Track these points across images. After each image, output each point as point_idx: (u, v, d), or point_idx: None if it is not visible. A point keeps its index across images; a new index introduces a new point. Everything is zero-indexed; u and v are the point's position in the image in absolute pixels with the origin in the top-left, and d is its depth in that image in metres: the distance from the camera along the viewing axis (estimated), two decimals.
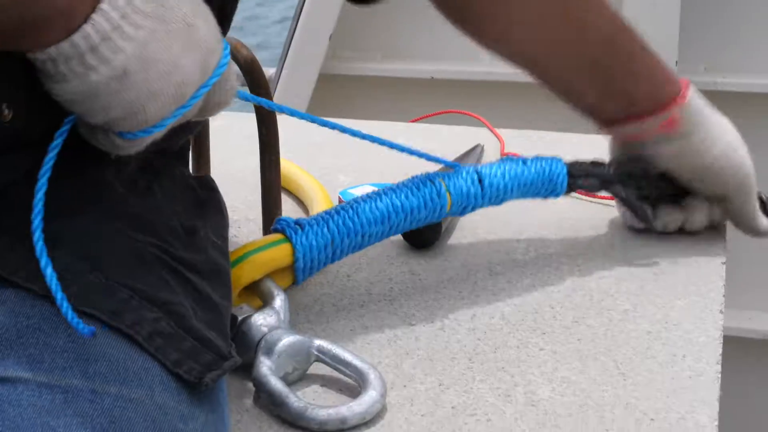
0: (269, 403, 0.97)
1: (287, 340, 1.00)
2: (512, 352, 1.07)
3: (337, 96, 2.97)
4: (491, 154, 1.64)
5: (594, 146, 1.66)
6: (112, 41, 0.74)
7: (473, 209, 1.21)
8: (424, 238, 1.30)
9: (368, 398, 0.96)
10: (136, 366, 0.78)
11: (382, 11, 3.06)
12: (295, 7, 2.89)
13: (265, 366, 0.98)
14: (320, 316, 1.15)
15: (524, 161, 1.24)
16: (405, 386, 1.02)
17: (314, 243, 1.10)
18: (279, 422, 0.96)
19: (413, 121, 1.93)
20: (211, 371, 0.81)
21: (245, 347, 1.00)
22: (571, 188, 1.28)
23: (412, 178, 1.20)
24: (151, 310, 0.80)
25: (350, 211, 1.13)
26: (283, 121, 1.26)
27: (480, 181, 1.20)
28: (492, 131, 1.75)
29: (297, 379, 1.02)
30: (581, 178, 1.27)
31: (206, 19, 0.81)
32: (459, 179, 1.19)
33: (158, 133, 0.79)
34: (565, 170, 1.26)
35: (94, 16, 0.73)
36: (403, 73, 3.03)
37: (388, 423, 0.96)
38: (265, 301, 1.06)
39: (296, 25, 2.82)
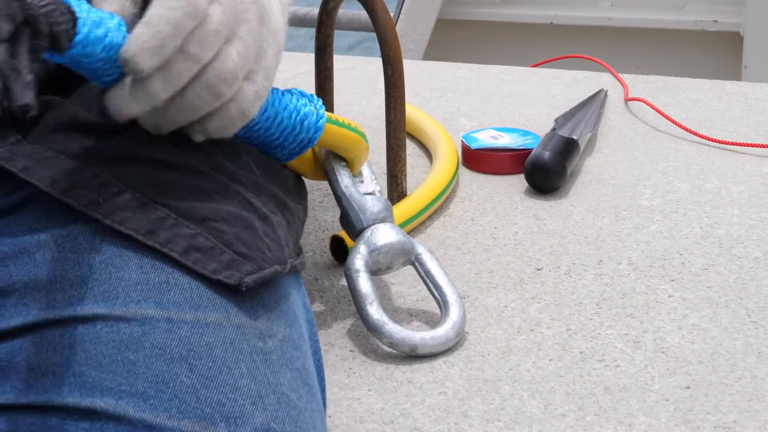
0: (352, 298, 0.98)
1: (391, 238, 0.99)
2: (640, 299, 1.06)
3: (454, 41, 2.95)
4: (615, 100, 1.62)
5: (724, 93, 1.63)
6: None
7: None
8: (548, 182, 1.28)
9: (442, 334, 0.97)
10: (210, 291, 0.77)
11: None
12: None
13: (360, 260, 0.98)
14: (444, 259, 1.14)
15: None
16: (532, 330, 1.01)
17: None
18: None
19: (534, 66, 1.91)
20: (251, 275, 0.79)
21: (349, 227, 1.00)
22: None
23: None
24: (189, 226, 0.78)
25: None
26: (405, 65, 1.25)
27: None
28: (615, 76, 1.72)
29: (386, 273, 1.02)
30: None
31: None
32: None
33: None
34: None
35: None
36: (522, 18, 3.00)
37: (515, 366, 0.96)
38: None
39: None
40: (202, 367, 0.73)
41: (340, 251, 1.13)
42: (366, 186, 1.01)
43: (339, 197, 1.00)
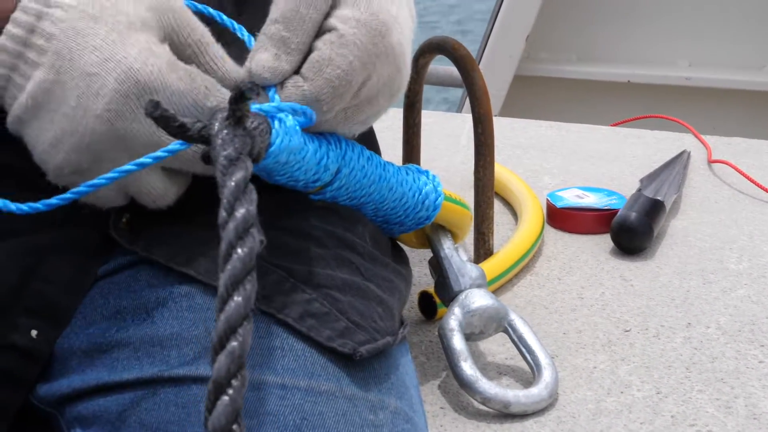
0: (446, 356, 0.98)
1: (485, 302, 1.00)
2: (731, 363, 1.05)
3: (531, 97, 2.96)
4: (698, 161, 1.62)
5: None
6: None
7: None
8: (635, 243, 1.28)
9: (536, 393, 0.97)
10: (323, 359, 0.77)
11: (579, 14, 3.05)
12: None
13: (454, 320, 0.99)
14: (532, 317, 1.14)
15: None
16: (622, 393, 1.01)
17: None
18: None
19: (615, 125, 1.91)
20: (364, 345, 0.79)
21: (446, 291, 1.01)
22: None
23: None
24: (305, 291, 0.78)
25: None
26: None
27: None
28: (698, 137, 1.72)
29: (479, 340, 1.03)
30: None
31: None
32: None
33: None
34: None
35: None
36: (599, 76, 3.01)
37: (606, 428, 0.95)
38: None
39: (493, 26, 2.82)
40: None
41: (428, 308, 1.14)
42: (462, 254, 1.02)
43: (440, 260, 1.01)
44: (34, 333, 0.78)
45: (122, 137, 0.71)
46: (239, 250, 0.56)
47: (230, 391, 0.54)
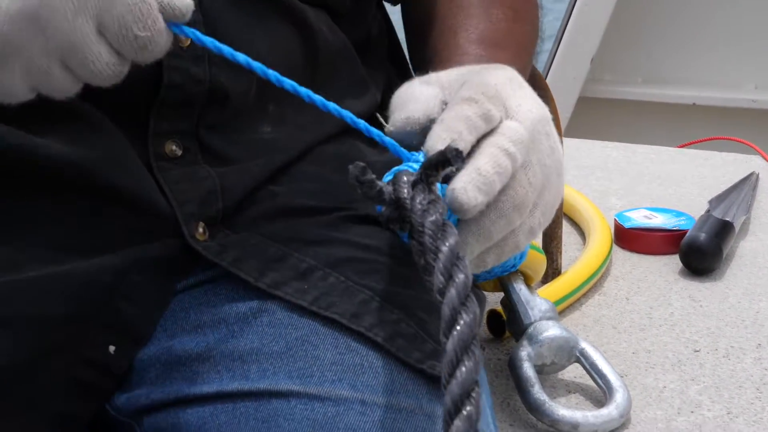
0: (515, 385, 0.99)
1: (554, 332, 1.01)
2: None
3: (595, 119, 2.95)
4: (766, 183, 1.61)
5: None
6: None
7: None
8: (704, 263, 1.28)
9: (606, 413, 0.97)
10: (402, 377, 0.77)
11: (644, 36, 3.04)
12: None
13: (524, 351, 1.00)
14: (601, 337, 1.15)
15: None
16: (692, 412, 1.00)
17: None
18: None
19: (682, 147, 1.91)
20: None
21: (516, 325, 1.02)
22: None
23: None
24: (392, 311, 0.78)
25: None
26: None
27: None
28: (766, 159, 1.71)
29: (554, 372, 1.03)
30: None
31: None
32: None
33: None
34: None
35: None
36: (664, 98, 2.99)
37: None
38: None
39: (558, 47, 2.82)
40: None
41: (496, 326, 1.14)
42: (532, 290, 1.04)
43: (511, 296, 1.03)
44: (112, 349, 0.79)
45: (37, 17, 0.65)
46: (464, 315, 0.57)
47: None
